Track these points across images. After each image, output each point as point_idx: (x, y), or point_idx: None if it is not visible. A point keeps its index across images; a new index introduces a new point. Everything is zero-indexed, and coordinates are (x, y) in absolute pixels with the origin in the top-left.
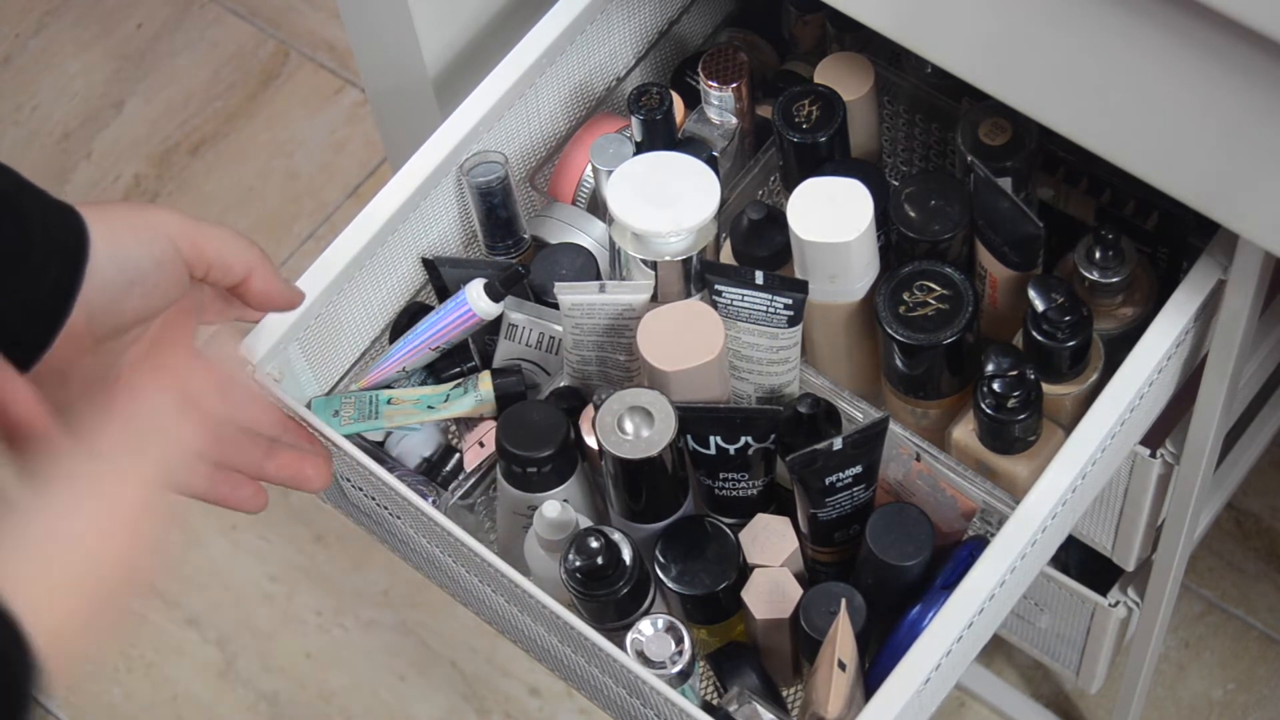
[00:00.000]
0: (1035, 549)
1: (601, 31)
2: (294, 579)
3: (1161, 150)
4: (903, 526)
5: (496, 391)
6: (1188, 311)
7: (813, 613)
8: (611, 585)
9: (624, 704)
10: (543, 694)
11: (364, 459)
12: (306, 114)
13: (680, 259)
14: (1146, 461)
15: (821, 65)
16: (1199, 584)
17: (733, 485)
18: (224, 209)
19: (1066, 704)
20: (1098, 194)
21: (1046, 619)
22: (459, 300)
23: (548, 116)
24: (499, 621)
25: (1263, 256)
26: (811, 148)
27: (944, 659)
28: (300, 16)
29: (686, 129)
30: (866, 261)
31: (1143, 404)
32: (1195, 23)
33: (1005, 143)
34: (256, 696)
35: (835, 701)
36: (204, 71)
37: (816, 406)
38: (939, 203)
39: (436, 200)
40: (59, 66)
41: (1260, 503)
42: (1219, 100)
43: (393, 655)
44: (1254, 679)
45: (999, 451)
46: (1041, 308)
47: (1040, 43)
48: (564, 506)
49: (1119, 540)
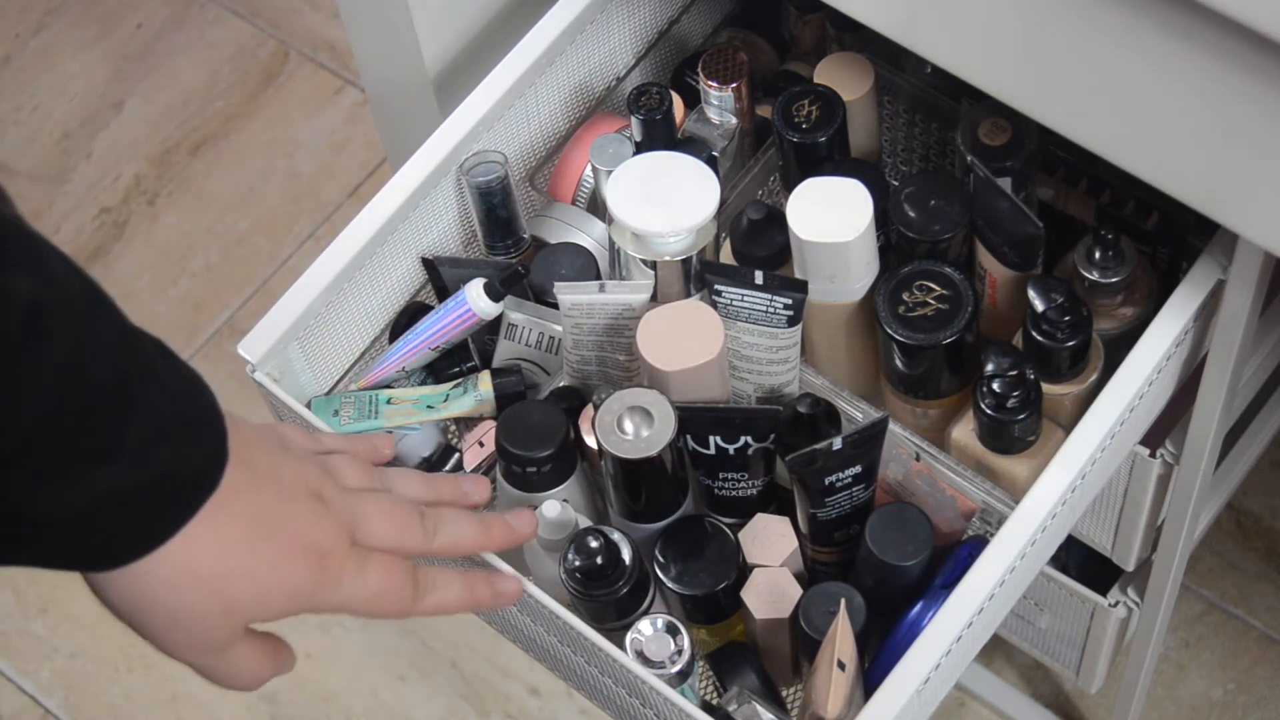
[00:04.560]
0: (1035, 549)
1: (601, 31)
2: None
3: (1161, 150)
4: (903, 526)
5: (496, 391)
6: (1187, 311)
7: (812, 613)
8: (611, 585)
9: (624, 704)
10: (543, 694)
11: None
12: (306, 114)
13: (680, 259)
14: (1146, 461)
15: (821, 65)
16: (1199, 584)
17: (732, 485)
18: (224, 209)
19: (1066, 704)
20: (1098, 194)
21: (1046, 619)
22: (459, 300)
23: (548, 116)
24: (499, 621)
25: (1263, 256)
26: (811, 148)
27: (944, 659)
28: (300, 16)
29: (686, 129)
30: (866, 261)
31: (1142, 404)
32: (1195, 22)
33: (1005, 143)
34: (256, 696)
35: (835, 701)
36: (204, 71)
37: (816, 406)
38: (939, 203)
39: (436, 200)
40: (59, 66)
41: (1260, 503)
42: (1219, 100)
43: (393, 655)
44: (1254, 679)
45: (999, 451)
46: (1041, 308)
47: (1040, 43)
48: (564, 506)
49: (1119, 540)
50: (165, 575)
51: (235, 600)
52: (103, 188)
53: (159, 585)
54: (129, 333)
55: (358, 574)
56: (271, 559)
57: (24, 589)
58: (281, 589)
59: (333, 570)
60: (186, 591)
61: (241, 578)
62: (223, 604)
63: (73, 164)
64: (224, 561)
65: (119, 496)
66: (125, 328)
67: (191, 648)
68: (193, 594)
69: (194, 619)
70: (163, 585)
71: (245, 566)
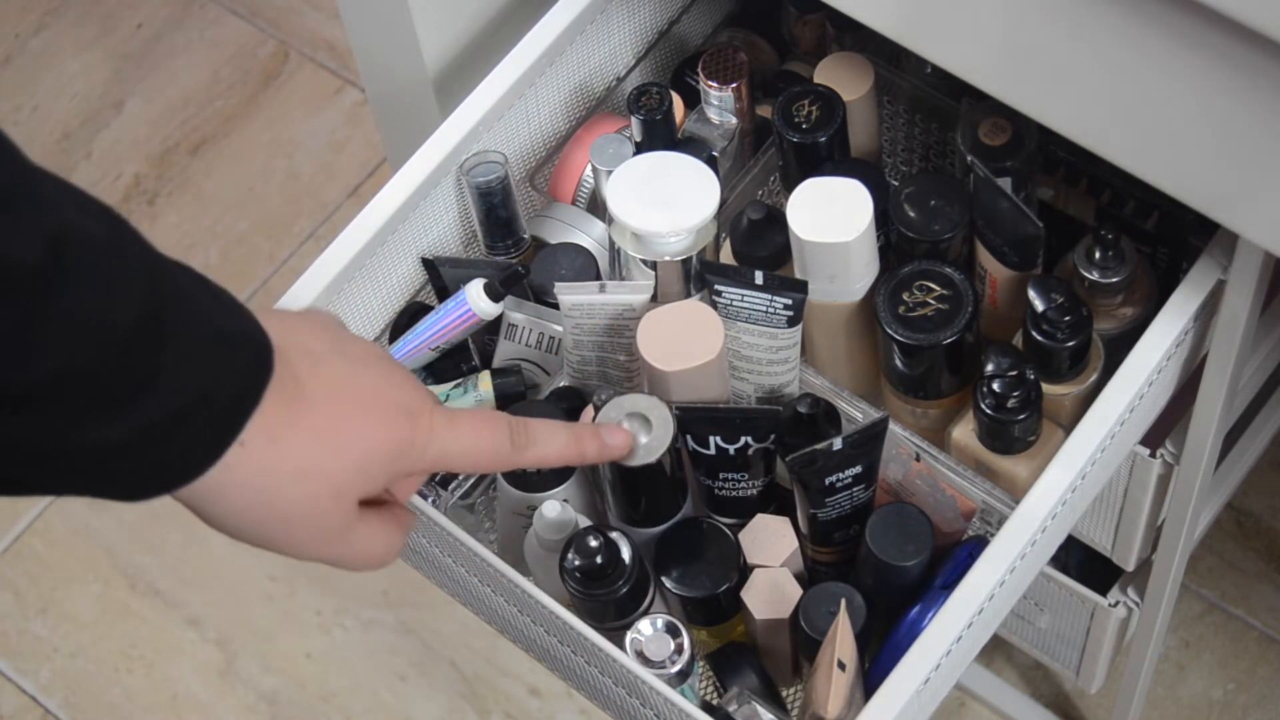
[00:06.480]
0: (1035, 549)
1: (601, 31)
2: (294, 579)
3: (1161, 150)
4: (903, 526)
5: (496, 391)
6: (1187, 311)
7: (812, 613)
8: (611, 585)
9: (624, 704)
10: (543, 694)
11: None
12: (306, 114)
13: (680, 259)
14: (1146, 461)
15: (821, 65)
16: (1199, 584)
17: (732, 485)
18: (224, 209)
19: (1066, 704)
20: (1098, 194)
21: (1046, 619)
22: (459, 300)
23: (548, 116)
24: (499, 621)
25: (1263, 256)
26: (811, 148)
27: (944, 659)
28: (300, 16)
29: (686, 129)
30: (866, 261)
31: (1142, 404)
32: (1195, 23)
33: (1005, 143)
34: (256, 696)
35: (835, 702)
36: (204, 71)
37: (816, 406)
38: (939, 203)
39: (436, 200)
40: (59, 66)
41: (1260, 503)
42: (1219, 100)
43: (393, 655)
44: (1254, 679)
45: (999, 451)
46: (1041, 308)
47: (1040, 43)
48: (564, 506)
49: (1119, 540)
50: (264, 481)
51: (340, 480)
52: (103, 188)
53: (263, 492)
54: (156, 261)
55: (450, 427)
56: (361, 429)
57: (24, 589)
58: (379, 455)
59: (423, 425)
60: (291, 488)
61: (339, 457)
62: (330, 488)
63: (73, 164)
64: (317, 447)
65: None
66: (152, 256)
67: (318, 540)
68: (298, 488)
69: (309, 512)
70: (266, 491)
71: (338, 445)
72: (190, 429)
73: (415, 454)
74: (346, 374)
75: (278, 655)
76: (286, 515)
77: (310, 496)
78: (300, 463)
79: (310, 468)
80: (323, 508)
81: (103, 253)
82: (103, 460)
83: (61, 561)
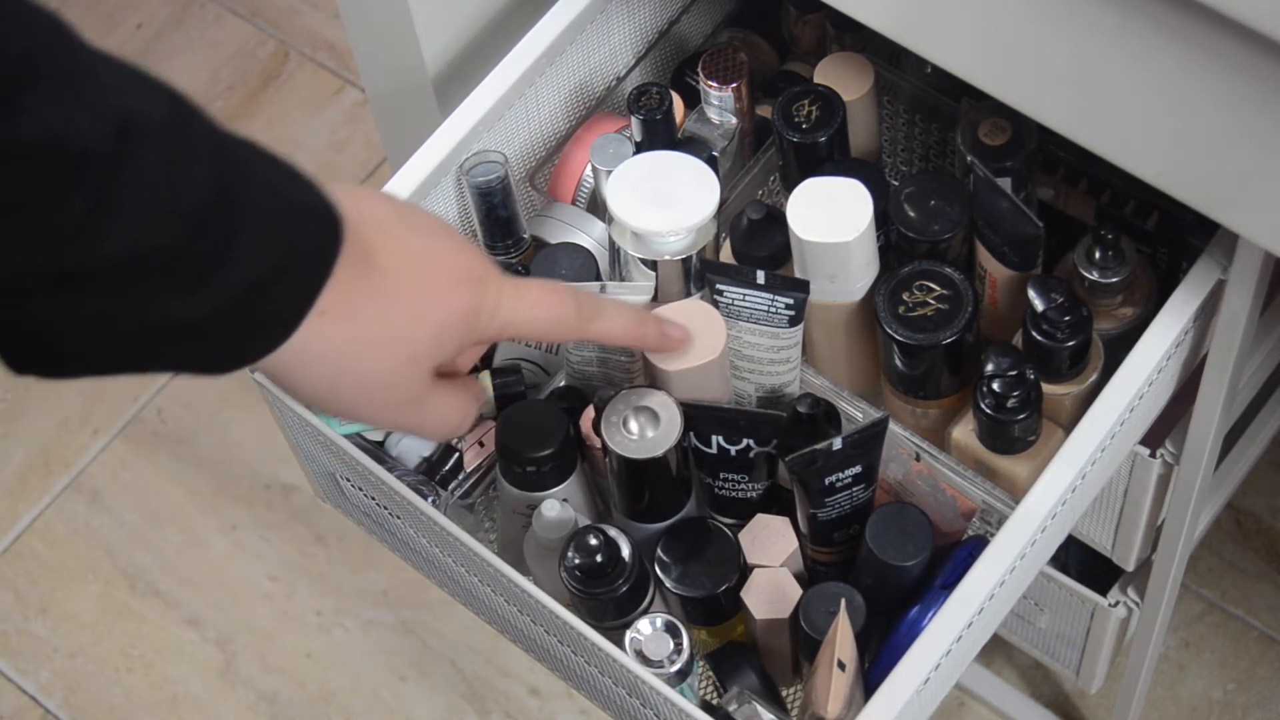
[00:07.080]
0: (1035, 549)
1: (601, 31)
2: (294, 579)
3: (1162, 150)
4: (903, 526)
5: (496, 391)
6: (1187, 312)
7: (812, 613)
8: (610, 584)
9: (623, 704)
10: (543, 694)
11: (364, 459)
12: (306, 114)
13: (680, 259)
14: (1146, 461)
15: (821, 65)
16: (1199, 584)
17: (733, 486)
18: None
19: (1066, 704)
20: (1098, 194)
21: (1046, 619)
22: None
23: (548, 116)
24: (499, 621)
25: (1263, 256)
26: (811, 148)
27: (944, 659)
28: (300, 16)
29: (686, 129)
30: (866, 261)
31: (1142, 404)
32: (1195, 23)
33: (1005, 143)
34: (256, 696)
35: (835, 702)
36: (204, 71)
37: (816, 406)
38: (939, 203)
39: (436, 200)
40: None
41: (1260, 503)
42: (1219, 100)
43: (393, 655)
44: (1254, 679)
45: (999, 451)
46: (1041, 308)
47: (1040, 43)
48: (563, 506)
49: (1119, 540)
50: (344, 350)
51: (416, 348)
52: None
53: (343, 360)
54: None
55: (518, 294)
56: (434, 297)
57: (24, 589)
58: (451, 321)
59: (491, 291)
60: (370, 357)
61: (414, 325)
62: (406, 354)
63: None
64: (393, 316)
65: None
66: (217, 133)
67: (396, 408)
68: (377, 357)
69: (385, 379)
70: (346, 359)
71: (414, 314)
72: (267, 300)
73: (484, 320)
74: (415, 244)
75: (278, 655)
76: (366, 384)
77: (389, 365)
78: (378, 331)
79: (388, 336)
80: (401, 376)
81: (169, 132)
82: (185, 336)
83: (61, 561)
